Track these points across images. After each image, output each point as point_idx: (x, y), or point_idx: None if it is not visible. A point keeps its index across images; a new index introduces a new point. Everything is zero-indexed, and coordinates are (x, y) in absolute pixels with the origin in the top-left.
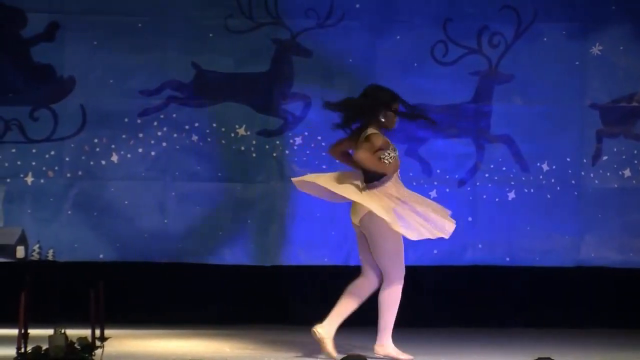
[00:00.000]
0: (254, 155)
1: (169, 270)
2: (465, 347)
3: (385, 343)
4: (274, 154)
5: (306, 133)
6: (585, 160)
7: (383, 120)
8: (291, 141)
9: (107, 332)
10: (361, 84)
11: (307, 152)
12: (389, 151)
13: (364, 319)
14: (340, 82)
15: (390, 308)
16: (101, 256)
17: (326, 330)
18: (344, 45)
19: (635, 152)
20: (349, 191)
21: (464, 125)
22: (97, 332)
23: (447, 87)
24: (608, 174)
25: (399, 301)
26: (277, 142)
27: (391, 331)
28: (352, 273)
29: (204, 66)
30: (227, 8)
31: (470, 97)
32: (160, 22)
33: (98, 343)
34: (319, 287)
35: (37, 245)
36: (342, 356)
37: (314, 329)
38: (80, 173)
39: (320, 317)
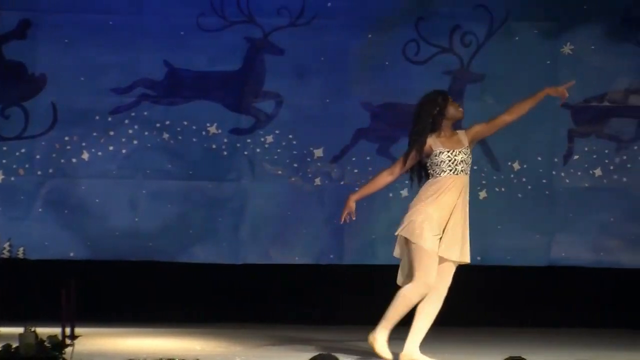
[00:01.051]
0: (225, 153)
1: (140, 269)
2: (435, 346)
3: (376, 333)
4: (245, 153)
5: (277, 131)
6: (556, 160)
7: (449, 117)
8: (262, 139)
9: (78, 330)
10: (333, 83)
11: (279, 150)
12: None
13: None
14: (312, 81)
15: (395, 305)
16: (72, 254)
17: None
18: (316, 43)
19: (607, 151)
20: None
21: None
22: (68, 330)
23: (419, 86)
24: (579, 173)
25: (405, 303)
26: (249, 141)
27: (389, 327)
28: (322, 272)
29: (175, 64)
30: (199, 6)
31: None
32: (132, 21)
33: (68, 341)
34: (289, 286)
35: (8, 244)
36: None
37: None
38: (51, 171)
39: (291, 315)
